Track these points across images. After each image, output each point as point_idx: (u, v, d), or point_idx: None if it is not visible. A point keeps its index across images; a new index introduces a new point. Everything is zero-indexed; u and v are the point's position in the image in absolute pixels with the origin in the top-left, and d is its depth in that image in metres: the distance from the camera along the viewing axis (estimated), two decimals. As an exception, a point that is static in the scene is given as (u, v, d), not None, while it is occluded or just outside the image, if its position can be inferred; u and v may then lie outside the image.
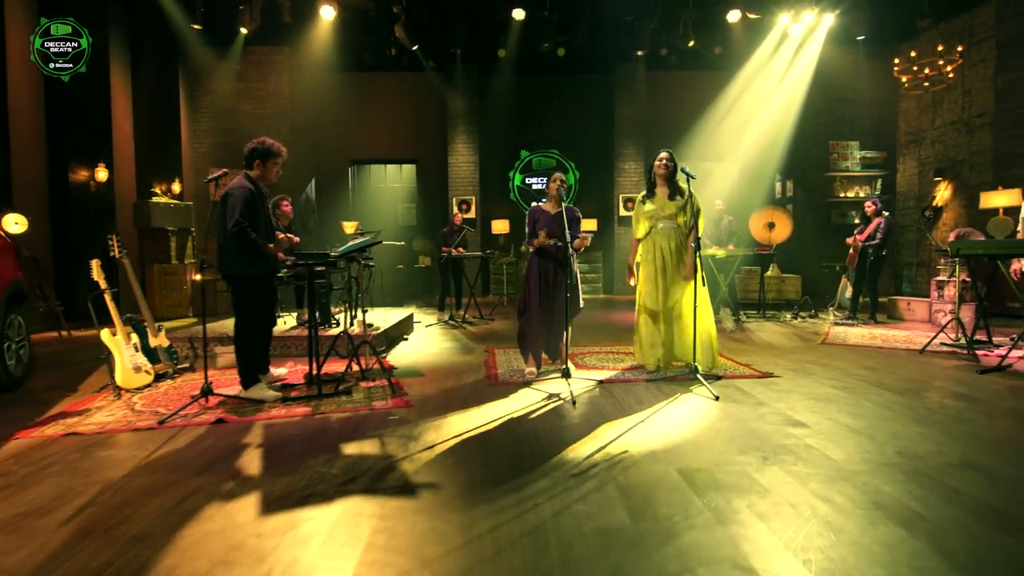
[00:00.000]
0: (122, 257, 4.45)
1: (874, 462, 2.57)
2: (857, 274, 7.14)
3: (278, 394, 3.67)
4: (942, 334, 5.46)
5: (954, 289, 6.11)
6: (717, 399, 3.61)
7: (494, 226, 10.99)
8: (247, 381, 3.62)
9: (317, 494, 2.31)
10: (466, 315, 7.70)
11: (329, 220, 10.52)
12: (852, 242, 7.09)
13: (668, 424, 3.16)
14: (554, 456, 2.71)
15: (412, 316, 7.01)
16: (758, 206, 9.16)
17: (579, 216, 4.21)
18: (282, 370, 4.40)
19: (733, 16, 8.66)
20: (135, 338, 4.19)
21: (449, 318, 7.52)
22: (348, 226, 10.50)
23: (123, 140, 8.43)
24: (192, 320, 7.74)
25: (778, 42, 9.48)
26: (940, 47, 7.90)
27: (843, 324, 6.89)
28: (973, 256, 4.90)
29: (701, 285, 4.12)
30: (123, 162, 8.35)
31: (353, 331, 5.02)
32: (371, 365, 4.38)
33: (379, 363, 4.19)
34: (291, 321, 6.03)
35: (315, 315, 4.01)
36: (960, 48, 7.99)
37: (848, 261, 7.23)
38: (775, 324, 7.07)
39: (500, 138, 11.22)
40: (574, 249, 3.96)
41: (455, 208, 10.58)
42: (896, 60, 8.39)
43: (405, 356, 5.24)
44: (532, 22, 9.07)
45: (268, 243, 3.56)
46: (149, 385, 4.12)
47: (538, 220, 4.18)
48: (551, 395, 3.78)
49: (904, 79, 8.24)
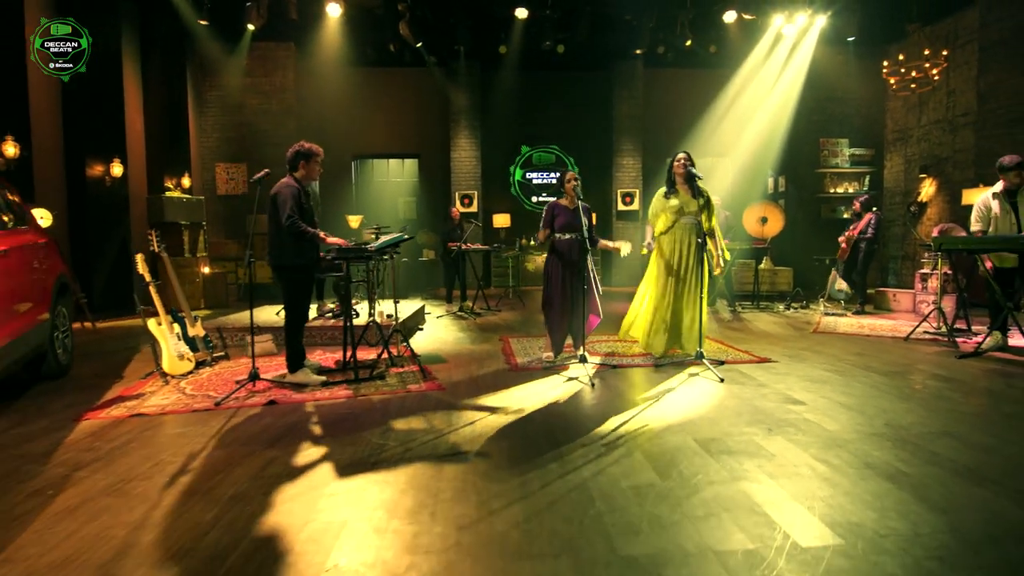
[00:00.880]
0: (161, 251, 4.72)
1: (864, 432, 2.93)
2: (847, 266, 7.54)
3: (321, 378, 3.97)
4: (925, 323, 5.88)
5: (937, 281, 6.51)
6: (722, 381, 3.96)
7: (495, 220, 11.26)
8: (294, 366, 3.92)
9: (382, 461, 2.63)
10: (474, 306, 8.00)
11: (333, 214, 10.73)
12: (845, 238, 7.48)
13: (681, 402, 3.50)
14: (583, 429, 3.04)
15: (423, 308, 7.30)
16: (753, 201, 9.53)
17: (589, 210, 4.52)
18: (316, 356, 4.68)
19: (729, 17, 8.98)
20: (177, 327, 4.46)
21: (459, 309, 7.82)
22: (353, 220, 10.75)
23: (135, 136, 8.60)
24: (206, 312, 7.97)
25: (773, 43, 9.84)
26: (926, 51, 8.28)
27: (833, 315, 7.28)
28: (954, 250, 5.30)
29: (707, 278, 4.49)
30: (135, 157, 8.53)
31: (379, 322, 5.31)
32: (403, 352, 4.69)
33: (410, 350, 4.49)
34: (311, 312, 6.30)
35: (349, 305, 4.30)
36: (945, 52, 8.37)
37: (839, 255, 7.64)
38: (769, 314, 7.46)
39: (501, 133, 11.47)
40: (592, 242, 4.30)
41: (457, 202, 10.85)
42: (885, 63, 8.76)
43: (425, 345, 5.53)
44: (533, 20, 9.34)
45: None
46: (191, 372, 4.40)
47: (557, 215, 4.49)
48: (570, 378, 4.12)
49: (892, 81, 8.62)
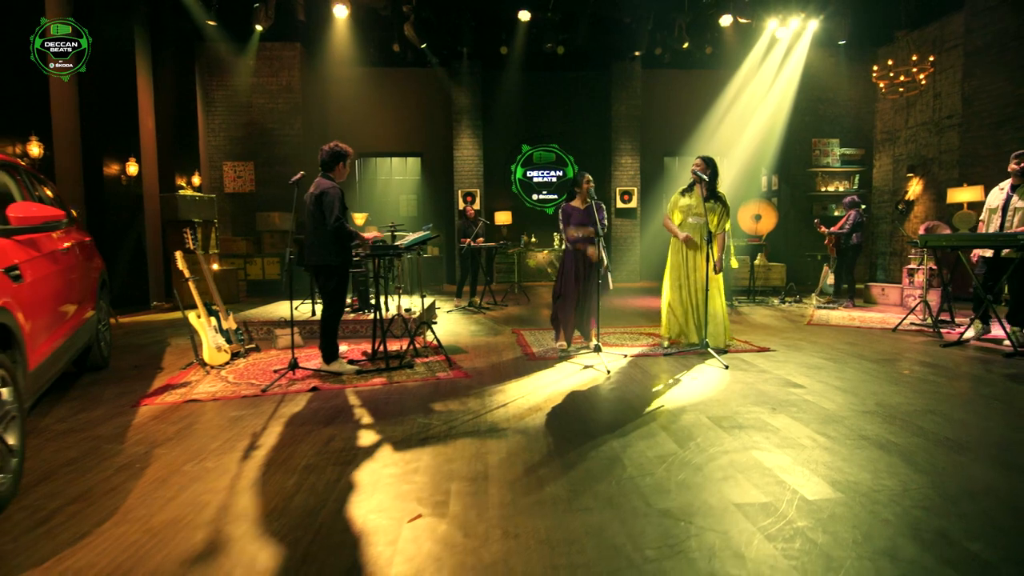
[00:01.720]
0: (196, 249, 4.97)
1: (858, 410, 3.27)
2: (838, 265, 7.93)
3: (355, 367, 4.25)
4: (912, 315, 6.27)
5: (923, 276, 6.91)
6: (727, 368, 4.29)
7: (497, 217, 11.54)
8: (329, 356, 4.20)
9: (431, 437, 2.93)
10: (482, 302, 8.30)
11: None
12: (829, 237, 7.88)
13: (691, 386, 3.83)
14: (605, 410, 3.36)
15: (435, 303, 7.58)
16: (749, 199, 9.89)
17: (603, 207, 4.83)
18: (343, 347, 4.97)
19: (725, 20, 9.32)
20: (213, 320, 4.72)
21: (468, 304, 8.11)
22: (359, 217, 11.01)
23: (147, 134, 8.79)
24: (222, 307, 8.18)
25: (768, 45, 10.19)
26: (914, 56, 8.67)
27: (825, 308, 7.66)
28: (939, 247, 5.67)
29: (720, 275, 4.85)
30: (147, 156, 8.72)
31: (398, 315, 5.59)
32: (428, 343, 4.99)
33: (437, 341, 4.79)
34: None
35: (380, 300, 4.58)
36: (932, 58, 8.75)
37: (829, 251, 8.02)
38: (765, 308, 7.82)
39: (503, 132, 11.76)
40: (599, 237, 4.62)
41: (461, 201, 11.12)
42: (874, 67, 9.14)
43: (442, 338, 5.81)
44: (534, 22, 9.64)
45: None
46: (228, 362, 4.67)
47: (571, 216, 4.79)
48: (587, 366, 4.43)
49: (881, 84, 9.00)
